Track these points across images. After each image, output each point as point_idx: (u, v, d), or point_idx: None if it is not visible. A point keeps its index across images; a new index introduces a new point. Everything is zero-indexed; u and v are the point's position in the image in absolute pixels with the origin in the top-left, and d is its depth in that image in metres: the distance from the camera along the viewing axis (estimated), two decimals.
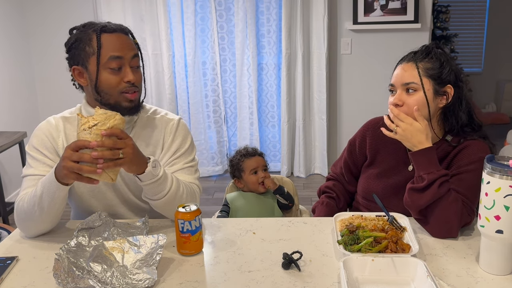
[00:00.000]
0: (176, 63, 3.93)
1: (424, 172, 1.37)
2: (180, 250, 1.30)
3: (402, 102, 1.43)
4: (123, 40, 1.43)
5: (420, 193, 1.36)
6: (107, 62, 1.38)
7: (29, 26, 3.90)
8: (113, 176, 1.26)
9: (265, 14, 3.89)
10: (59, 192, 1.30)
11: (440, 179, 1.34)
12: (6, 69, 3.66)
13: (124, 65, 1.41)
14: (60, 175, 1.26)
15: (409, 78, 1.42)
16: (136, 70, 1.45)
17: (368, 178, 1.63)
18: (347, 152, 1.72)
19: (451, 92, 1.45)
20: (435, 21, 4.97)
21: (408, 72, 1.43)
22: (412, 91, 1.43)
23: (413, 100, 1.42)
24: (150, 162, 1.33)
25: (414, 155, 1.40)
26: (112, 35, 1.41)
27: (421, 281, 1.11)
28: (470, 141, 1.46)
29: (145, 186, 1.36)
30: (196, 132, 4.06)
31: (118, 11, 3.79)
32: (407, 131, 1.39)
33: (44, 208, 1.33)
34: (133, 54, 1.43)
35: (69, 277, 1.10)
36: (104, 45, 1.38)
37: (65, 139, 1.48)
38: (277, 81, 4.04)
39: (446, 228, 1.35)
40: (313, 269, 1.21)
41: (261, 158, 2.15)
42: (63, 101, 2.44)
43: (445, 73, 1.43)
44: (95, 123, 1.22)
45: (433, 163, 1.38)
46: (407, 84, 1.43)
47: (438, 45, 1.51)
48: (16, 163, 3.44)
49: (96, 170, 1.20)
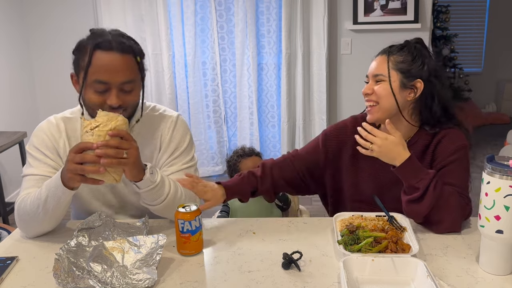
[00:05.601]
0: (176, 63, 3.93)
1: (415, 181, 1.35)
2: (180, 250, 1.30)
3: (372, 91, 1.48)
4: (116, 62, 1.30)
5: (419, 202, 1.35)
6: (92, 83, 1.31)
7: (29, 26, 3.90)
8: (117, 177, 1.26)
9: (265, 14, 3.88)
10: (65, 196, 1.30)
11: (432, 182, 1.34)
12: (6, 69, 3.66)
13: (110, 88, 1.31)
14: (66, 179, 1.26)
15: (379, 70, 1.48)
16: (126, 93, 1.35)
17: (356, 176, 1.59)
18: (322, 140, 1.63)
19: (420, 86, 1.46)
20: (435, 21, 4.96)
21: (379, 64, 1.49)
22: (380, 82, 1.47)
23: (379, 88, 1.46)
24: (148, 169, 1.32)
25: (400, 169, 1.37)
26: (105, 54, 1.30)
27: (421, 281, 1.11)
28: (447, 130, 1.48)
29: (143, 193, 1.36)
30: (196, 132, 4.06)
31: (118, 11, 3.78)
32: (383, 147, 1.36)
33: (49, 211, 1.33)
34: (124, 80, 1.32)
35: (69, 277, 1.10)
36: (93, 65, 1.29)
37: (67, 140, 1.47)
38: (277, 81, 4.04)
39: (450, 223, 1.37)
40: (313, 269, 1.21)
41: (258, 158, 2.13)
42: (63, 101, 2.43)
43: (415, 68, 1.46)
44: (97, 124, 1.22)
45: (419, 169, 1.36)
46: (376, 75, 1.48)
47: (420, 41, 1.54)
48: (16, 163, 3.44)
49: (99, 170, 1.20)
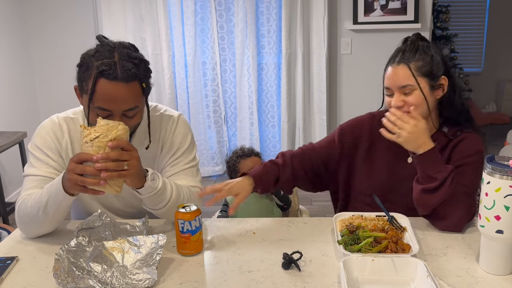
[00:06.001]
0: (176, 63, 3.93)
1: (433, 172, 1.36)
2: (180, 250, 1.30)
3: (403, 103, 1.43)
4: (121, 92, 1.27)
5: (433, 192, 1.36)
6: (96, 109, 1.30)
7: (29, 26, 3.90)
8: (118, 188, 1.25)
9: (265, 14, 3.88)
10: (66, 201, 1.31)
11: (450, 176, 1.35)
12: (6, 69, 3.66)
13: (113, 114, 1.30)
14: (67, 186, 1.26)
15: (404, 80, 1.42)
16: (130, 117, 1.33)
17: (369, 174, 1.59)
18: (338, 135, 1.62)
19: (445, 83, 1.46)
20: (435, 21, 4.96)
21: (401, 74, 1.42)
22: (409, 92, 1.43)
23: (412, 99, 1.42)
24: (149, 175, 1.31)
25: (421, 157, 1.38)
26: (109, 84, 1.26)
27: (421, 281, 1.11)
28: (466, 134, 1.48)
29: (144, 198, 1.36)
30: (196, 132, 4.06)
31: (118, 11, 3.78)
32: (412, 133, 1.36)
33: (49, 215, 1.33)
34: (128, 107, 1.30)
35: (69, 277, 1.10)
36: (97, 92, 1.26)
37: (69, 140, 1.46)
38: (277, 81, 4.04)
39: (456, 221, 1.37)
40: (313, 269, 1.21)
41: (258, 158, 2.12)
42: (63, 101, 2.43)
43: (436, 66, 1.44)
44: (97, 135, 1.20)
45: (439, 161, 1.38)
46: (403, 87, 1.42)
47: (420, 36, 1.49)
48: (16, 163, 3.43)
49: (99, 182, 1.19)
